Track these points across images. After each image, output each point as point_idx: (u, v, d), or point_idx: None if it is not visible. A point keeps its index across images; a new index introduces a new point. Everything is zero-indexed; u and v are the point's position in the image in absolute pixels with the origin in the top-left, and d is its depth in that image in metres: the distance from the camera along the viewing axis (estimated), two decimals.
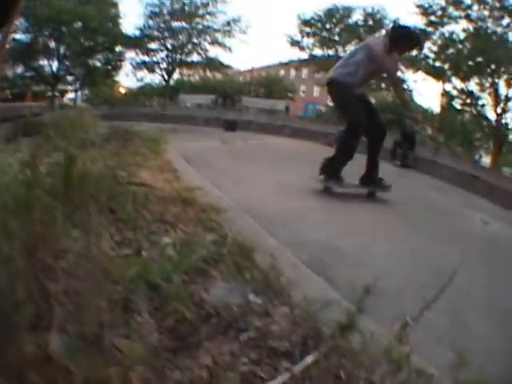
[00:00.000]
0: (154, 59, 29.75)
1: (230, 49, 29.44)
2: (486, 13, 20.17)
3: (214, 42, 29.24)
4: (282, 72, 42.03)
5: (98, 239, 1.53)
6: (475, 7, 20.27)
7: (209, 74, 35.40)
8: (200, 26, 28.63)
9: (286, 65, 33.91)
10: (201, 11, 28.44)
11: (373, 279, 2.76)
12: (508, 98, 21.09)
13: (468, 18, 20.68)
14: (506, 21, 20.04)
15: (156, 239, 1.93)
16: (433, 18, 21.79)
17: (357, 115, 5.19)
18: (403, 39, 5.23)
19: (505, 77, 20.93)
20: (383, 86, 28.47)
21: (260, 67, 46.10)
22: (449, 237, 4.97)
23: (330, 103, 36.45)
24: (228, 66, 33.94)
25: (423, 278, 3.30)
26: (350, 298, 1.93)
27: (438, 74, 22.98)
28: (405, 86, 10.20)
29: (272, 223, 3.60)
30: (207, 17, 28.58)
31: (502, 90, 21.12)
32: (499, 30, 20.30)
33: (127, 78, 37.95)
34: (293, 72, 39.05)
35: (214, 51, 30.00)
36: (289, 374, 1.18)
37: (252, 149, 9.44)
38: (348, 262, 3.23)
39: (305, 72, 31.93)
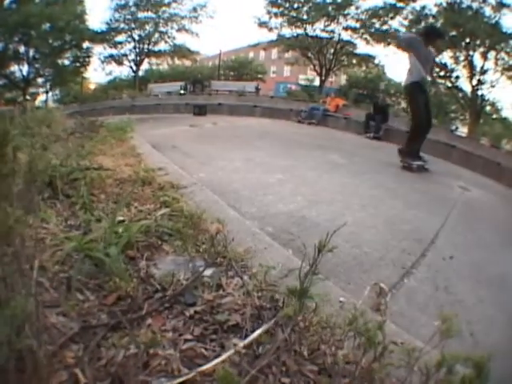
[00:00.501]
0: (122, 51, 29.47)
1: (197, 34, 29.42)
2: None
3: (181, 29, 29.08)
4: (251, 54, 41.60)
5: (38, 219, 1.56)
6: None
7: (177, 61, 35.15)
8: (166, 15, 28.34)
9: (255, 47, 33.36)
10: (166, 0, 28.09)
11: (347, 247, 2.90)
12: (484, 70, 21.36)
13: None
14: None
15: (108, 219, 1.83)
16: None
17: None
18: (434, 35, 7.21)
19: (480, 49, 21.13)
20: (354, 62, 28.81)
21: (229, 50, 45.57)
22: (428, 203, 5.01)
23: (301, 81, 37.02)
24: (196, 52, 33.74)
25: (402, 244, 3.33)
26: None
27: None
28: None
29: (237, 198, 3.64)
30: (173, 4, 28.27)
31: (478, 62, 21.41)
32: (475, 4, 20.35)
33: (96, 73, 37.48)
34: (262, 53, 38.62)
35: (181, 38, 30.34)
36: (233, 351, 1.08)
37: (221, 130, 9.30)
38: (319, 231, 3.05)
39: (274, 52, 31.53)
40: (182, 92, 21.86)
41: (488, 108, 23.91)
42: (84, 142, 4.09)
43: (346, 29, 26.61)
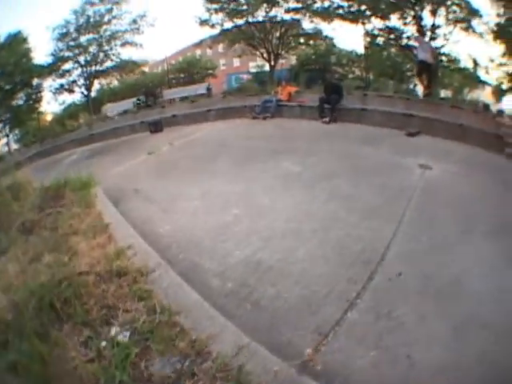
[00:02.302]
0: (71, 79, 28.69)
1: (141, 45, 29.02)
2: None
3: (125, 44, 28.62)
4: (198, 51, 41.33)
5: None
6: None
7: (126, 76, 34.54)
8: (108, 33, 27.83)
9: (199, 44, 33.26)
10: (106, 18, 27.56)
11: (297, 290, 3.15)
12: (435, 26, 21.46)
13: None
14: None
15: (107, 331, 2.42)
16: None
17: None
18: None
19: (429, 8, 21.23)
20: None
21: (176, 52, 44.88)
22: (384, 204, 5.16)
23: (252, 69, 36.90)
24: (143, 63, 33.61)
25: (350, 273, 3.49)
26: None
27: (355, 18, 23.02)
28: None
29: (199, 251, 3.88)
30: (113, 21, 27.79)
31: (428, 20, 21.47)
32: None
33: (50, 106, 36.87)
34: (209, 49, 38.33)
35: (126, 52, 29.48)
36: None
37: (178, 153, 9.23)
38: (273, 276, 3.42)
39: (221, 46, 31.33)
40: (135, 109, 21.41)
41: (445, 60, 23.92)
42: (56, 220, 4.26)
43: (288, 11, 26.46)
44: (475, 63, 25.07)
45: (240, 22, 27.01)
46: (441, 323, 2.88)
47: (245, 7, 26.44)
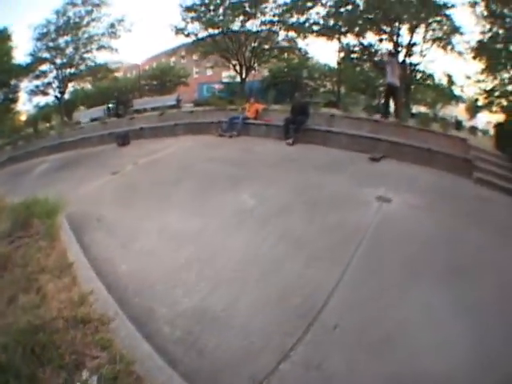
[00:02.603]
0: (46, 81, 28.61)
1: (116, 50, 28.94)
2: None
3: (101, 48, 28.56)
4: (173, 58, 41.11)
5: None
6: None
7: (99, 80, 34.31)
8: (86, 35, 27.72)
9: (174, 52, 33.14)
10: (86, 20, 27.45)
11: (237, 341, 3.27)
12: (412, 44, 21.63)
13: None
14: None
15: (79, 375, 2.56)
16: None
17: None
18: None
19: (407, 25, 21.30)
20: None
21: (150, 58, 45.89)
22: (335, 246, 4.99)
23: (224, 79, 36.80)
24: (115, 70, 33.46)
25: (285, 327, 3.50)
26: None
27: (330, 34, 22.99)
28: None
29: (152, 296, 3.94)
30: (92, 24, 27.66)
31: (405, 37, 21.69)
32: None
33: (25, 107, 36.69)
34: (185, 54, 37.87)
35: (102, 56, 29.59)
36: None
37: (141, 175, 8.80)
38: (218, 326, 3.52)
39: (196, 53, 31.02)
40: (107, 116, 21.45)
41: (419, 77, 23.99)
42: (26, 254, 4.28)
43: (264, 24, 26.39)
44: (450, 80, 25.29)
45: (215, 31, 26.89)
46: (371, 376, 2.98)
47: (221, 18, 26.26)
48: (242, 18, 26.01)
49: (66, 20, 26.96)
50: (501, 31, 20.91)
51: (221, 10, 26.40)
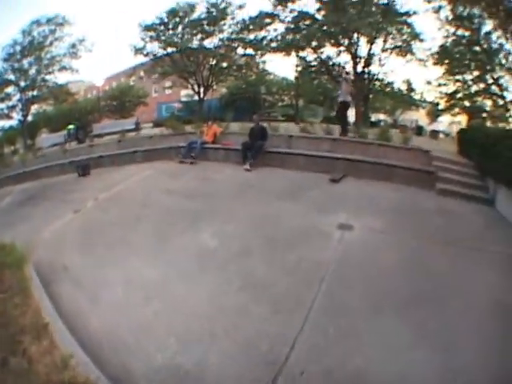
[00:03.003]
0: (10, 104, 28.84)
1: (77, 71, 29.21)
2: None
3: (62, 69, 28.70)
4: (132, 79, 40.74)
5: None
6: None
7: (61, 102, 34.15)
8: (48, 56, 27.71)
9: (133, 72, 32.76)
10: (49, 39, 27.48)
11: None
12: (370, 54, 22.00)
13: None
14: None
15: None
16: None
17: None
18: None
19: (365, 38, 21.64)
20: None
21: (110, 77, 45.03)
22: (297, 285, 4.79)
23: (184, 98, 36.57)
24: (76, 92, 33.91)
25: (256, 373, 3.42)
26: None
27: (288, 49, 23.04)
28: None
29: (129, 357, 3.73)
30: (55, 43, 27.71)
31: (364, 48, 22.02)
32: None
33: None
34: (140, 79, 37.46)
35: (63, 77, 30.14)
36: None
37: (102, 213, 8.29)
38: (189, 381, 3.41)
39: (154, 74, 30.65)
40: (68, 139, 21.69)
41: (378, 85, 24.14)
42: (4, 312, 4.07)
43: (222, 42, 26.70)
44: (409, 86, 25.61)
45: (173, 50, 27.01)
46: None
47: (180, 36, 26.49)
48: (200, 36, 26.21)
49: (30, 40, 26.90)
50: (466, 33, 21.51)
51: (179, 29, 26.61)
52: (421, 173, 9.08)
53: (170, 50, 27.16)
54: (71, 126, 22.97)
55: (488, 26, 20.64)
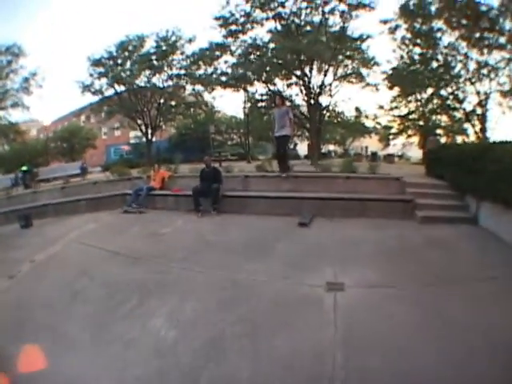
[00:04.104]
0: None
1: (28, 109, 27.43)
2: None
3: (15, 105, 27.07)
4: (82, 118, 39.12)
5: None
6: (289, 3, 19.52)
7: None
8: (1, 90, 26.07)
9: (81, 112, 31.10)
10: (5, 71, 25.87)
11: None
12: (322, 85, 20.96)
13: (278, 16, 19.84)
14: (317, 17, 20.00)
15: None
16: (233, 27, 20.56)
17: None
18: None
19: (319, 67, 20.80)
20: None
21: (60, 118, 44.32)
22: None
23: (133, 140, 35.24)
24: (26, 131, 32.35)
25: None
26: None
27: (238, 84, 22.07)
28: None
29: None
30: (10, 76, 26.13)
31: (315, 78, 21.00)
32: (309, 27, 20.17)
33: None
34: (93, 116, 35.28)
35: (15, 115, 29.11)
36: None
37: (36, 282, 6.38)
38: None
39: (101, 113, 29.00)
40: (13, 193, 18.84)
41: (328, 116, 23.44)
42: None
43: (171, 78, 25.61)
44: (359, 114, 25.07)
45: (121, 88, 25.82)
46: None
47: (128, 72, 25.20)
48: (148, 72, 25.13)
49: None
50: (423, 51, 21.49)
51: (128, 64, 25.41)
52: (397, 203, 8.40)
53: (117, 87, 25.88)
54: (25, 168, 21.58)
55: (447, 38, 20.59)
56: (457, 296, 4.55)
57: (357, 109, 25.55)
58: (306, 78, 20.56)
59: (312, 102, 20.66)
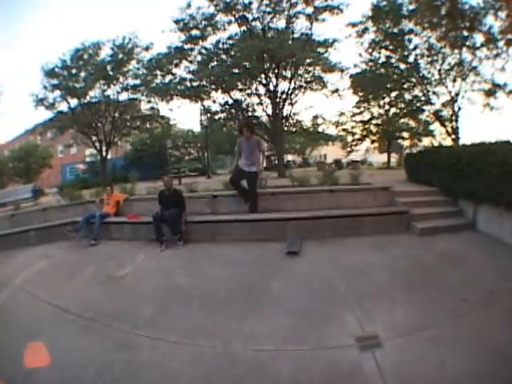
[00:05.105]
0: None
1: None
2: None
3: None
4: (38, 137, 36.70)
5: None
6: (254, 5, 18.27)
7: None
8: None
9: (36, 129, 28.43)
10: None
11: None
12: (284, 93, 19.76)
13: (243, 19, 18.55)
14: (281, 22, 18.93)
15: None
16: (194, 31, 19.00)
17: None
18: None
19: (283, 71, 19.54)
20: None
21: (20, 135, 42.31)
22: None
23: (88, 158, 33.22)
24: None
25: None
26: None
27: (196, 94, 20.33)
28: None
29: None
30: None
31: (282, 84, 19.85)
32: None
33: None
34: (49, 133, 32.34)
35: None
36: None
37: None
38: None
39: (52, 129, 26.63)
40: None
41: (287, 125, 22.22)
42: None
43: (126, 89, 23.97)
44: (321, 120, 24.07)
45: (74, 102, 24.04)
46: None
47: (82, 83, 23.32)
48: (103, 82, 23.35)
49: None
50: (391, 54, 20.99)
51: (82, 74, 23.51)
52: (392, 215, 7.56)
53: (70, 100, 23.90)
54: None
55: (418, 40, 20.06)
56: (497, 318, 3.99)
57: (315, 117, 24.39)
58: (272, 85, 19.17)
59: (277, 110, 19.31)
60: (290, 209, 8.05)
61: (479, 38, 17.92)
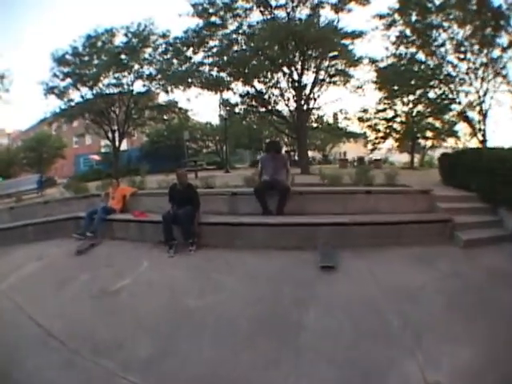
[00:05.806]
0: None
1: None
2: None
3: None
4: (53, 126, 36.36)
5: None
6: None
7: None
8: None
9: (45, 120, 27.22)
10: None
11: None
12: (315, 82, 18.90)
13: (265, 3, 17.63)
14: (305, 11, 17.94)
15: None
16: (213, 18, 17.98)
17: None
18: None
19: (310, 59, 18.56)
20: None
21: (31, 127, 41.83)
22: None
23: (103, 149, 32.54)
24: None
25: None
26: None
27: (216, 85, 19.28)
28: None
29: None
30: None
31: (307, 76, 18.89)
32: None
33: None
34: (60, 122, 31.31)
35: None
36: None
37: None
38: None
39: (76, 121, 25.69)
40: None
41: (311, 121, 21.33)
42: None
43: (141, 77, 22.74)
44: (344, 116, 22.94)
45: (86, 90, 22.89)
46: None
47: (95, 69, 22.03)
48: (116, 68, 22.21)
49: None
50: (416, 50, 19.69)
51: (95, 61, 22.28)
52: (434, 224, 6.58)
53: (81, 88, 22.86)
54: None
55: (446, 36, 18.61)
56: None
57: (339, 112, 23.20)
58: (296, 75, 18.04)
59: (302, 103, 18.26)
60: (321, 211, 6.97)
61: (506, 39, 16.71)
